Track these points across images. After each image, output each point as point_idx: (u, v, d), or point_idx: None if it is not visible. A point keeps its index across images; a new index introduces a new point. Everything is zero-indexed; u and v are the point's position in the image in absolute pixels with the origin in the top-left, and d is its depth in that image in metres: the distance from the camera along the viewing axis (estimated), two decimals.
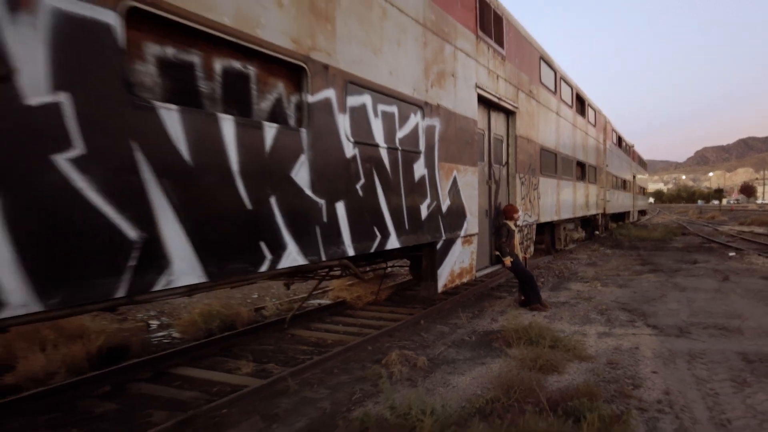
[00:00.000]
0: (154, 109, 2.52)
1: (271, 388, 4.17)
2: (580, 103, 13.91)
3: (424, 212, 5.22)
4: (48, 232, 2.09)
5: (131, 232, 2.40)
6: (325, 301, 8.05)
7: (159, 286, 2.53)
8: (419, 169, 5.11)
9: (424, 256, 5.63)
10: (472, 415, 3.47)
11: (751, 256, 12.62)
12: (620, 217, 25.69)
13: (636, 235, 19.71)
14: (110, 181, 2.31)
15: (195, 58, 2.84)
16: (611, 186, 19.84)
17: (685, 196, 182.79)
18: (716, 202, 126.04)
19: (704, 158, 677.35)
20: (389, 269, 8.47)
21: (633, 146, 29.38)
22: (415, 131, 5.05)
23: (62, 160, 2.13)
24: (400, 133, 4.79)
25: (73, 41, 2.17)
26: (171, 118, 2.59)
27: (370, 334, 5.70)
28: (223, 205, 2.91)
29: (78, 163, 2.18)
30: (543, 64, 9.90)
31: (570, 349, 4.96)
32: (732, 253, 13.44)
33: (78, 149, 2.18)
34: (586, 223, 17.07)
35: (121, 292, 2.35)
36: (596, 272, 10.43)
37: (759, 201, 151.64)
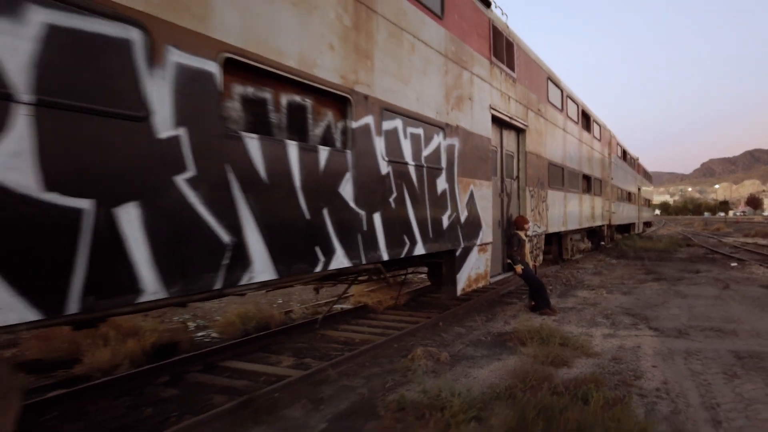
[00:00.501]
0: (241, 138, 3.13)
1: (314, 377, 4.72)
2: (586, 119, 14.51)
3: (445, 222, 5.80)
4: (171, 236, 2.68)
5: (225, 236, 2.99)
6: (346, 306, 8.60)
7: (243, 281, 3.11)
8: (441, 183, 5.70)
9: (445, 263, 6.19)
10: (494, 398, 4.01)
11: (752, 267, 13.07)
12: (626, 228, 26.12)
13: (641, 245, 20.13)
14: (211, 197, 2.90)
15: (268, 94, 3.45)
16: (616, 198, 20.34)
17: (692, 208, 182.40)
18: (722, 214, 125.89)
19: (710, 170, 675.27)
20: (404, 276, 9.01)
21: (638, 159, 29.89)
22: (437, 150, 5.64)
23: (180, 180, 2.72)
24: (425, 152, 5.39)
25: (188, 87, 2.78)
26: (252, 145, 3.20)
27: (394, 334, 6.23)
28: (289, 215, 3.50)
29: (191, 182, 2.78)
30: (550, 84, 10.52)
31: (578, 347, 5.48)
32: (734, 264, 13.88)
33: (191, 171, 2.78)
34: (592, 234, 17.56)
35: (218, 285, 2.93)
36: (602, 281, 10.93)
37: (765, 213, 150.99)
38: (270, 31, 3.33)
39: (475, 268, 6.72)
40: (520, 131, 8.79)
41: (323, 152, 3.85)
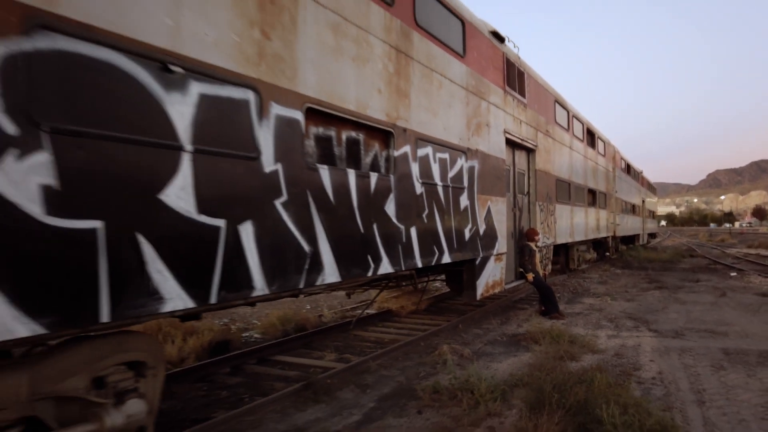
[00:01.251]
0: (316, 169, 3.96)
1: (356, 368, 5.49)
2: (591, 137, 15.33)
3: (467, 234, 6.60)
4: (272, 246, 3.49)
5: (306, 247, 3.80)
6: (371, 311, 9.36)
7: (318, 282, 3.92)
8: (464, 200, 6.52)
9: (466, 270, 6.98)
10: (514, 383, 4.77)
11: (750, 276, 13.73)
12: (630, 239, 26.76)
13: (645, 256, 20.77)
14: (297, 215, 3.72)
15: (333, 132, 4.29)
16: (621, 210, 21.06)
17: (698, 219, 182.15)
18: (728, 225, 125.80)
19: (717, 181, 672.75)
20: (425, 283, 9.78)
21: (642, 172, 30.60)
22: (460, 171, 6.47)
23: (278, 204, 3.55)
24: (451, 173, 6.21)
25: (283, 132, 3.61)
26: (324, 174, 4.03)
27: (419, 334, 7.00)
28: (349, 230, 4.32)
29: (284, 205, 3.60)
30: (557, 106, 11.38)
31: (585, 345, 6.23)
32: (733, 273, 14.55)
33: (285, 197, 3.61)
34: (598, 245, 18.27)
35: (301, 285, 3.74)
36: (607, 289, 11.65)
37: None
38: (336, 83, 4.17)
39: (492, 275, 7.50)
40: (530, 151, 9.61)
41: (373, 177, 4.67)
